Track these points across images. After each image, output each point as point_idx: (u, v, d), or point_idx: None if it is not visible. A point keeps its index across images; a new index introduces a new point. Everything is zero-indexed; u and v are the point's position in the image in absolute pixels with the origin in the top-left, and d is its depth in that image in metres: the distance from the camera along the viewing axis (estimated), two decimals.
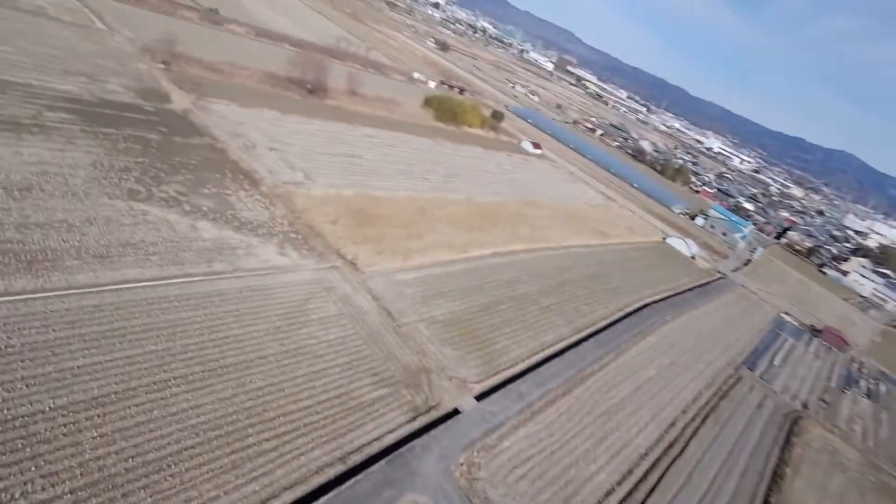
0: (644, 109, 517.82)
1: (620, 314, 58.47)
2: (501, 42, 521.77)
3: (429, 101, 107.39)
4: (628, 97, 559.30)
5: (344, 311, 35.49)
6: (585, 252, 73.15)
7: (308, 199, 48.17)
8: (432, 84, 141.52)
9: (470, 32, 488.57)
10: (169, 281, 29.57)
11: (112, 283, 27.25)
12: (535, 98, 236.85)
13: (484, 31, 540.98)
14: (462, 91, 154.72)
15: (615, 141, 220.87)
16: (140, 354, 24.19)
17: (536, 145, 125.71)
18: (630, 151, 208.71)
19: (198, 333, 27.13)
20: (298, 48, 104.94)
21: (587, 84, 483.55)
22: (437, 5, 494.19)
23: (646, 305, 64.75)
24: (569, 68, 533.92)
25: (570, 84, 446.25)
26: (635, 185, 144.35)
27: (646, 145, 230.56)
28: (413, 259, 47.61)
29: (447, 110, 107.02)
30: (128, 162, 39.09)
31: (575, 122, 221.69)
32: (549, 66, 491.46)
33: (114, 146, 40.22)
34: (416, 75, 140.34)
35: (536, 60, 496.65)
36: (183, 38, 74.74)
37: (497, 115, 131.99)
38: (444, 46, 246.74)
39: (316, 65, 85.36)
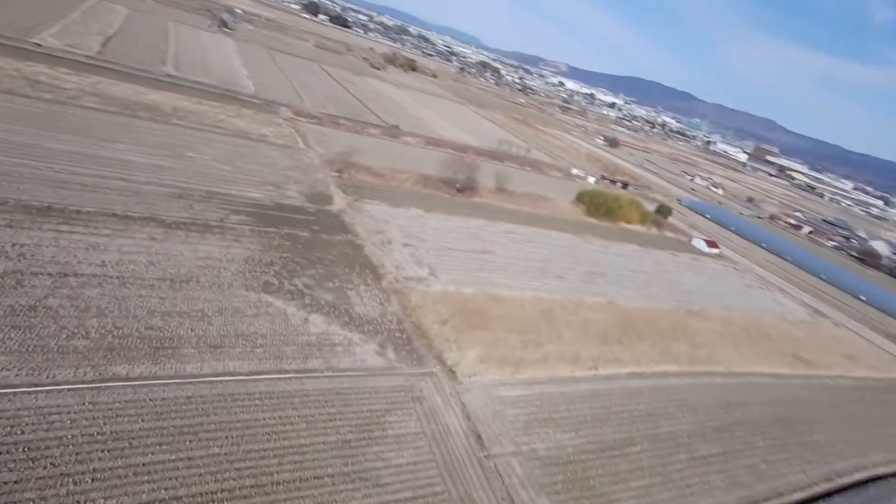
0: (880, 202, 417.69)
1: (829, 486, 41.09)
2: (683, 135, 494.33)
3: (581, 196, 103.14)
4: (855, 188, 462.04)
5: (426, 430, 31.71)
6: (772, 384, 55.97)
7: (425, 295, 47.60)
8: (591, 179, 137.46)
9: (647, 128, 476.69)
10: (261, 376, 30.50)
11: (211, 375, 29.13)
12: (719, 191, 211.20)
13: (663, 125, 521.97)
14: (625, 185, 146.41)
15: (831, 240, 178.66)
16: (202, 457, 24.32)
17: (712, 243, 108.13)
18: (855, 254, 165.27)
19: (264, 439, 26.54)
20: (459, 152, 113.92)
21: (794, 174, 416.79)
22: (612, 105, 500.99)
23: (875, 479, 44.61)
24: (769, 158, 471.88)
25: (770, 175, 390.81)
26: (862, 298, 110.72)
27: (879, 246, 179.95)
28: (524, 371, 41.81)
29: (601, 204, 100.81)
30: (274, 257, 44.43)
31: (772, 217, 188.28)
32: (742, 157, 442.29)
33: (269, 243, 46.50)
34: (574, 171, 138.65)
35: (725, 152, 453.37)
36: (361, 149, 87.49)
37: (663, 210, 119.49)
38: (613, 143, 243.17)
39: (467, 165, 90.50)
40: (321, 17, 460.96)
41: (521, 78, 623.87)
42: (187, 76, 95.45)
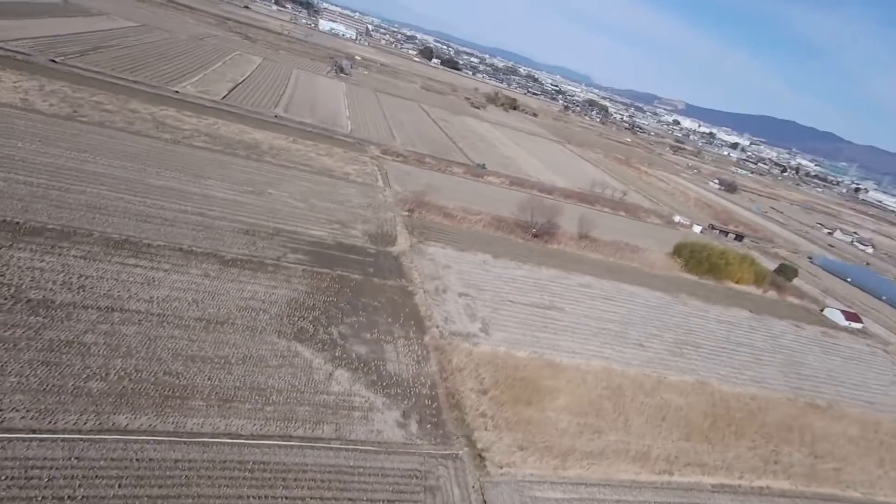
0: None
1: None
2: (824, 181, 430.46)
3: (680, 248, 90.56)
4: None
5: None
6: None
7: (469, 356, 42.69)
8: (697, 228, 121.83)
9: (776, 171, 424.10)
10: (262, 441, 28.10)
11: (210, 435, 27.38)
12: (868, 249, 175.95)
13: (797, 169, 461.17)
14: (739, 237, 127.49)
15: None
16: None
17: (852, 315, 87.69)
18: None
19: None
20: (543, 193, 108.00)
21: None
22: (735, 146, 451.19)
23: None
24: None
25: None
26: None
27: None
28: (572, 467, 34.58)
29: (703, 259, 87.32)
30: (318, 301, 43.18)
31: None
32: None
33: (318, 285, 45.59)
34: (677, 218, 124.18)
35: (880, 202, 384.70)
36: (440, 188, 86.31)
37: (787, 270, 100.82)
38: (730, 187, 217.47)
39: (548, 208, 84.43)
40: (434, 61, 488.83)
41: (630, 116, 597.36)
42: (293, 117, 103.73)
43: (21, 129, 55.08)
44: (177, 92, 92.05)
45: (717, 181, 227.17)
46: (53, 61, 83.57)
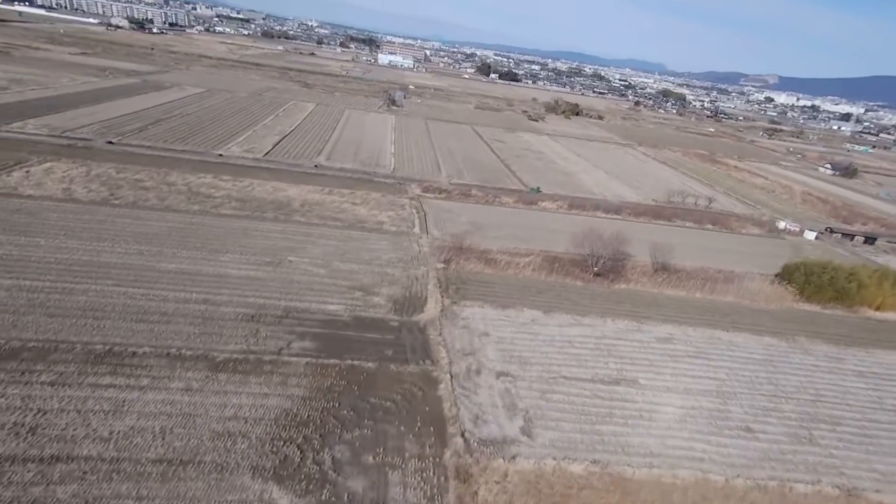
0: None
1: None
2: None
3: (790, 270, 71.70)
4: None
5: None
6: None
7: (502, 482, 32.31)
8: (810, 235, 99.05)
9: None
10: None
11: None
12: None
13: None
14: (870, 239, 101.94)
15: None
16: None
17: None
18: None
19: None
20: (609, 213, 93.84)
21: None
22: (847, 116, 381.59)
23: None
24: None
25: None
26: None
27: None
28: None
29: (824, 283, 67.95)
30: (316, 409, 35.63)
31: None
32: None
33: (320, 384, 38.21)
34: (782, 224, 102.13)
35: None
36: (485, 226, 77.01)
37: None
38: (847, 171, 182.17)
39: (612, 236, 70.99)
40: (493, 76, 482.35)
41: (711, 101, 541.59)
42: (334, 164, 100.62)
43: (51, 223, 55.28)
44: (220, 155, 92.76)
45: (828, 165, 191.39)
46: (110, 142, 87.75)
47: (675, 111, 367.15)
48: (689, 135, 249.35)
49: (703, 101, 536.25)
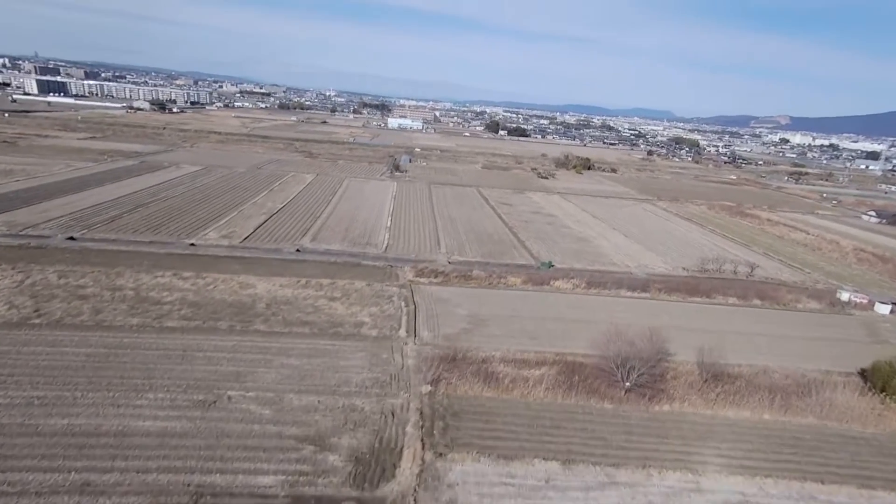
0: None
1: None
2: None
3: (882, 374, 55.28)
4: None
5: None
6: None
7: None
8: (882, 309, 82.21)
9: None
10: None
11: None
12: None
13: None
14: None
15: None
16: None
17: None
18: None
19: None
20: (636, 291, 79.69)
21: None
22: (874, 155, 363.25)
23: None
24: None
25: None
26: None
27: None
28: None
29: None
30: None
31: None
32: None
33: None
34: (845, 296, 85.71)
35: None
36: (487, 319, 63.95)
37: None
38: (894, 219, 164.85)
39: (645, 333, 56.70)
40: (501, 132, 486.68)
41: (725, 146, 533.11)
42: (319, 245, 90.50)
43: None
44: (192, 245, 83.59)
45: (872, 212, 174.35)
46: (71, 238, 79.65)
47: (690, 159, 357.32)
48: (710, 184, 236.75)
49: (716, 146, 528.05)
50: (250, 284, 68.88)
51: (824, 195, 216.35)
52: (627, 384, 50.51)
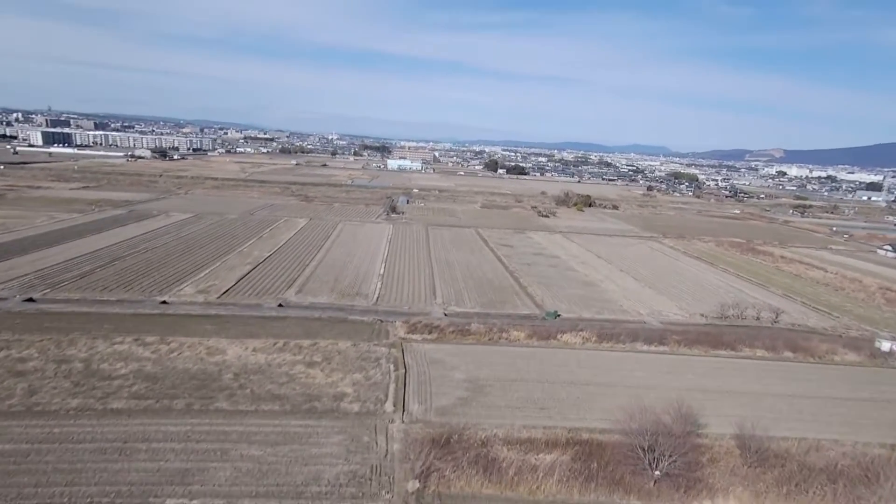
0: None
1: None
2: None
3: None
4: None
5: None
6: None
7: None
8: None
9: None
10: None
11: None
12: None
13: None
14: None
15: None
16: None
17: None
18: None
19: None
20: (654, 345, 71.42)
21: None
22: (875, 186, 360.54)
23: None
24: None
25: None
26: None
27: None
28: None
29: None
30: None
31: None
32: None
33: None
34: (885, 345, 76.93)
35: None
36: (487, 385, 55.84)
37: None
38: None
39: (673, 405, 48.19)
40: (500, 171, 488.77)
41: (724, 180, 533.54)
42: (304, 298, 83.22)
43: None
44: (164, 302, 76.42)
45: (888, 247, 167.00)
46: (30, 300, 72.71)
47: (691, 193, 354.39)
48: (714, 219, 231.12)
49: (715, 179, 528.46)
50: (220, 349, 61.07)
51: (834, 229, 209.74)
52: (657, 472, 41.66)
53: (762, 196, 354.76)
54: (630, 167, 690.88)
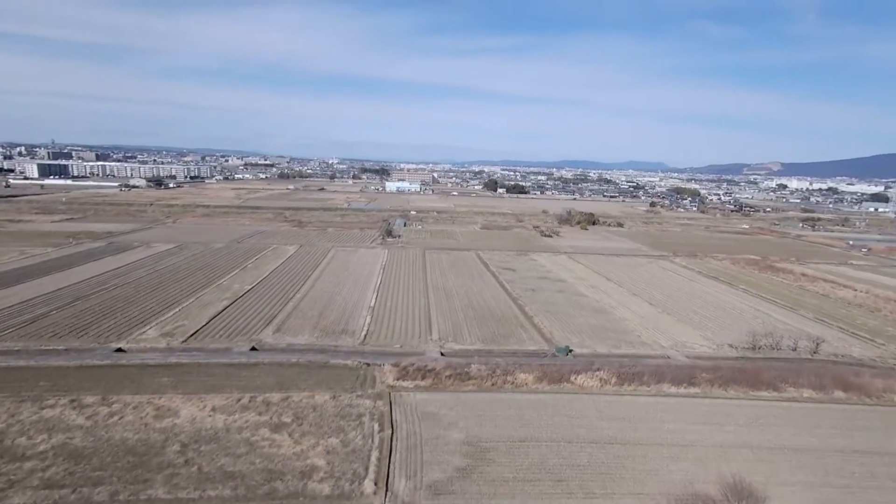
0: None
1: None
2: None
3: None
4: None
5: None
6: None
7: None
8: None
9: None
10: None
11: None
12: None
13: None
14: None
15: None
16: None
17: None
18: None
19: None
20: (682, 386, 61.09)
21: None
22: (881, 197, 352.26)
23: None
24: None
25: None
26: None
27: None
28: None
29: None
30: None
31: None
32: None
33: None
34: None
35: None
36: (491, 450, 45.92)
37: None
38: None
39: (717, 480, 37.81)
40: (500, 190, 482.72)
41: (726, 194, 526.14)
42: (282, 339, 73.41)
43: None
44: (119, 350, 66.73)
45: None
46: None
47: (695, 208, 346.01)
48: (724, 234, 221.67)
49: (717, 194, 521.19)
50: (172, 410, 51.04)
51: (850, 242, 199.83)
52: None
53: (768, 209, 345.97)
54: (630, 183, 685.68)
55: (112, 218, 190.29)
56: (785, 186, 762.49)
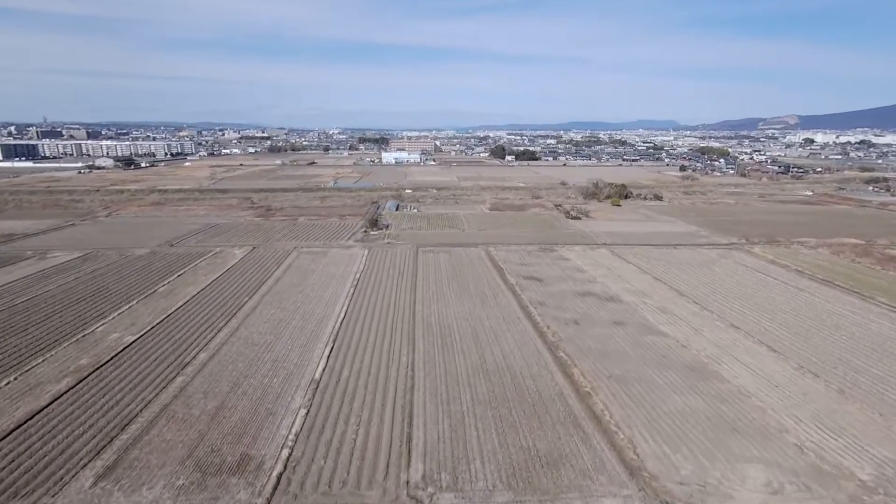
0: None
1: None
2: None
3: None
4: None
5: None
6: None
7: None
8: None
9: None
10: None
11: None
12: None
13: None
14: None
15: None
16: None
17: None
18: None
19: None
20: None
21: None
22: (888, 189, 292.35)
23: None
24: None
25: None
26: None
27: None
28: None
29: None
30: None
31: None
32: None
33: None
34: None
35: None
36: None
37: None
38: None
39: None
40: (508, 158, 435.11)
41: (755, 151, 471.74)
42: (119, 484, 35.30)
43: None
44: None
45: None
46: None
47: (731, 171, 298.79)
48: (788, 206, 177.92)
49: (745, 152, 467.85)
50: None
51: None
52: None
53: (819, 169, 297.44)
54: (647, 144, 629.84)
55: (34, 211, 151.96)
56: (812, 141, 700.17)
